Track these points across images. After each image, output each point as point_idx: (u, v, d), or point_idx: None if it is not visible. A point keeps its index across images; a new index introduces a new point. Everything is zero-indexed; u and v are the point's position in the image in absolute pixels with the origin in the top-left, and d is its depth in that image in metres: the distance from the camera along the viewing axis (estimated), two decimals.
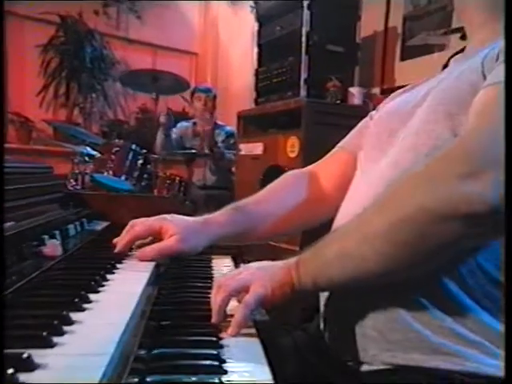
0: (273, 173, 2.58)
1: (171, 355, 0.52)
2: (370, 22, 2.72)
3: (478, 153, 0.52)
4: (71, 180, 2.88)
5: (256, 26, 2.83)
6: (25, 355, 0.34)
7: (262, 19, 2.81)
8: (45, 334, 0.39)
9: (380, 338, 0.62)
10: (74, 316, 0.46)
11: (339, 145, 0.97)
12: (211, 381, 0.46)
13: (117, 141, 2.93)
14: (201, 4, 4.72)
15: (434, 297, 0.59)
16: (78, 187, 2.80)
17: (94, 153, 2.89)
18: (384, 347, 0.61)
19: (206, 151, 3.12)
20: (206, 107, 3.32)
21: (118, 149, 2.80)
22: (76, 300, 0.49)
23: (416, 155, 0.66)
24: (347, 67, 2.61)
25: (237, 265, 1.01)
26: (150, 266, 0.73)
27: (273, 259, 0.66)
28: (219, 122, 3.43)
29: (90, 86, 4.07)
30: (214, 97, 3.43)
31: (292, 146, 2.43)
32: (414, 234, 0.53)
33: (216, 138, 3.29)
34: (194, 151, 3.12)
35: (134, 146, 2.84)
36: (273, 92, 2.71)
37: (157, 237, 0.78)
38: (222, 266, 0.95)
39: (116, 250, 0.76)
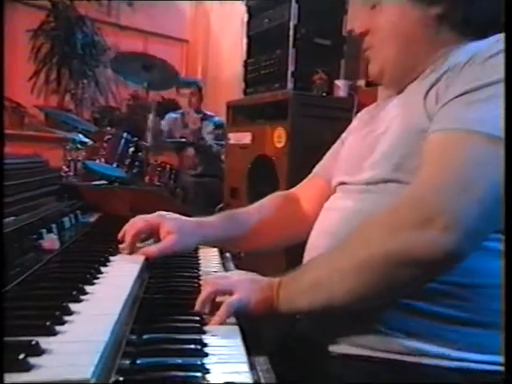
0: (261, 162, 2.63)
1: (159, 340, 0.57)
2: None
3: (429, 202, 0.57)
4: (64, 166, 2.91)
5: (246, 18, 2.85)
6: (33, 342, 0.40)
7: (251, 11, 2.83)
8: (48, 323, 0.45)
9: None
10: (73, 307, 0.51)
11: (314, 171, 1.03)
12: (193, 363, 0.51)
13: (109, 129, 2.95)
14: None
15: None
16: (71, 173, 2.84)
17: (86, 140, 2.92)
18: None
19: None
20: (190, 104, 3.37)
21: (109, 137, 2.84)
22: (74, 292, 0.55)
23: (379, 196, 0.72)
24: (333, 60, 2.63)
25: (222, 255, 1.08)
26: (141, 257, 0.78)
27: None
28: (208, 113, 3.46)
29: (82, 72, 4.07)
30: (200, 89, 3.46)
31: (279, 136, 2.48)
32: (377, 275, 0.59)
33: (204, 129, 3.33)
34: (183, 140, 3.14)
35: (125, 135, 2.87)
36: (261, 83, 2.73)
37: (155, 233, 0.83)
38: (208, 255, 1.01)
39: (125, 252, 0.80)
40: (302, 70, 2.51)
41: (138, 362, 0.52)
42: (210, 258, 0.98)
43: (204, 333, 0.60)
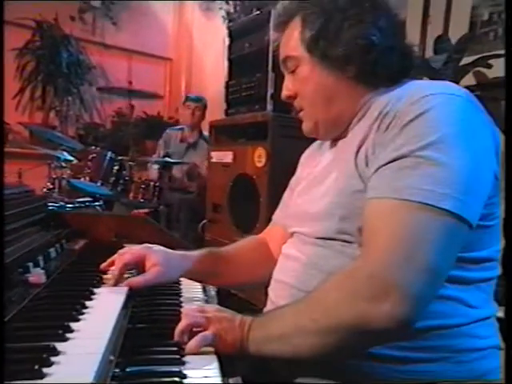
0: (242, 180, 2.66)
1: (141, 373, 0.60)
2: None
3: (382, 277, 0.61)
4: (48, 183, 2.91)
5: (227, 41, 2.90)
6: None
7: (232, 34, 2.88)
8: (37, 367, 0.47)
9: None
10: (59, 346, 0.54)
11: (273, 219, 1.09)
12: None
13: (93, 148, 2.96)
14: (175, 11, 4.75)
15: None
16: (55, 191, 2.83)
17: (71, 158, 2.92)
18: None
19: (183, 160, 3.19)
20: (193, 116, 3.42)
21: (94, 155, 2.86)
22: (60, 331, 0.57)
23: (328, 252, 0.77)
24: None
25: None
26: (124, 289, 0.81)
27: None
28: (205, 133, 3.47)
29: (66, 89, 4.07)
30: (205, 106, 3.51)
31: (259, 156, 2.52)
32: (336, 339, 0.64)
33: (198, 150, 3.38)
34: (167, 159, 3.16)
35: (109, 153, 2.89)
36: (242, 104, 2.78)
37: (141, 265, 0.87)
38: (189, 282, 1.04)
39: (111, 284, 0.83)
40: (281, 93, 2.56)
41: None
42: (191, 285, 1.01)
43: (183, 364, 0.63)
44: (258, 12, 2.70)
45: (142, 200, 3.00)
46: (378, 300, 0.59)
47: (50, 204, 2.61)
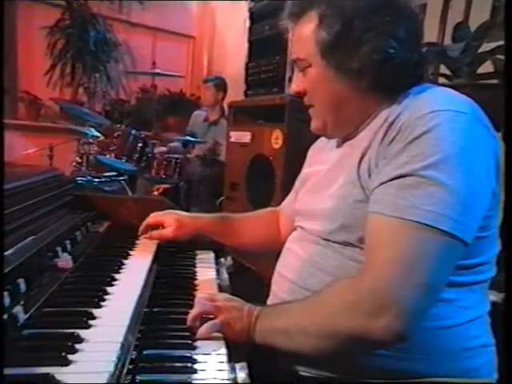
0: (259, 160, 2.67)
1: (156, 356, 0.64)
2: None
3: (382, 293, 0.62)
4: (77, 157, 2.97)
5: (248, 23, 2.85)
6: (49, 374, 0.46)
7: (253, 17, 2.83)
8: (63, 354, 0.51)
9: None
10: (82, 333, 0.58)
11: (280, 207, 1.14)
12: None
13: (118, 126, 2.99)
14: None
15: None
16: (84, 166, 2.90)
17: (98, 134, 2.96)
18: None
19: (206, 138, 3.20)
20: (213, 97, 3.43)
21: (119, 133, 2.89)
22: (84, 319, 0.61)
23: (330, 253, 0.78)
24: None
25: (218, 259, 1.15)
26: (143, 274, 0.85)
27: None
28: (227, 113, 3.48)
29: (94, 66, 4.08)
30: (225, 86, 3.50)
31: (276, 138, 2.51)
32: (336, 344, 0.67)
33: (220, 128, 3.38)
34: (191, 139, 3.17)
35: (133, 131, 2.91)
36: (261, 86, 2.75)
37: (163, 225, 1.06)
38: (203, 264, 1.08)
39: (139, 233, 1.07)
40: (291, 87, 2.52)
41: (138, 378, 0.59)
42: (205, 268, 1.04)
43: (194, 348, 0.67)
44: None
45: (163, 176, 3.04)
46: (377, 314, 0.62)
47: (79, 178, 2.69)
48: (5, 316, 0.57)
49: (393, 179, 0.67)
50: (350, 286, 0.67)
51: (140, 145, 2.94)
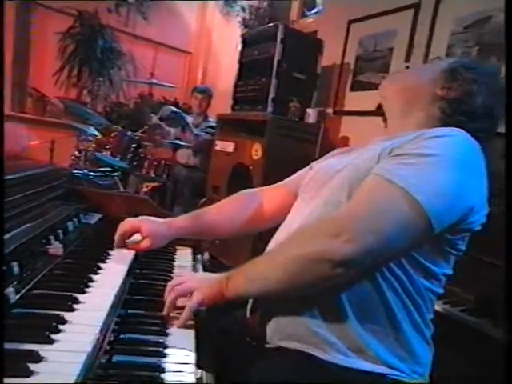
0: (240, 168, 2.69)
1: (131, 340, 0.64)
2: (330, 56, 2.80)
3: (343, 222, 0.64)
4: (76, 152, 2.91)
5: (240, 47, 2.87)
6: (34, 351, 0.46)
7: (245, 42, 2.85)
8: (47, 333, 0.51)
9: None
10: (67, 315, 0.58)
11: (285, 180, 1.07)
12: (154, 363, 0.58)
13: (115, 127, 2.96)
14: (198, 12, 4.68)
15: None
16: (81, 160, 2.84)
17: (96, 133, 2.91)
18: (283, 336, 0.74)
19: (189, 144, 3.17)
20: (200, 105, 3.41)
21: (116, 133, 2.85)
22: (69, 303, 0.61)
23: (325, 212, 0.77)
24: (307, 92, 2.69)
25: (195, 255, 1.15)
26: (127, 265, 0.84)
27: None
28: (209, 119, 3.49)
29: (99, 71, 4.00)
30: (210, 96, 3.49)
31: (256, 150, 2.54)
32: (298, 268, 0.65)
33: (202, 126, 3.39)
34: (179, 143, 3.14)
35: (129, 133, 2.88)
36: (246, 103, 2.78)
37: (137, 232, 0.94)
38: (182, 257, 1.07)
39: (115, 245, 0.93)
40: (281, 98, 2.56)
41: (113, 359, 0.59)
42: (183, 260, 1.04)
43: (167, 335, 0.67)
44: (270, 25, 2.67)
45: (153, 175, 3.02)
46: (334, 237, 0.62)
47: (76, 171, 2.63)
48: None
49: (397, 155, 0.69)
50: (319, 219, 0.69)
51: (134, 145, 2.92)
